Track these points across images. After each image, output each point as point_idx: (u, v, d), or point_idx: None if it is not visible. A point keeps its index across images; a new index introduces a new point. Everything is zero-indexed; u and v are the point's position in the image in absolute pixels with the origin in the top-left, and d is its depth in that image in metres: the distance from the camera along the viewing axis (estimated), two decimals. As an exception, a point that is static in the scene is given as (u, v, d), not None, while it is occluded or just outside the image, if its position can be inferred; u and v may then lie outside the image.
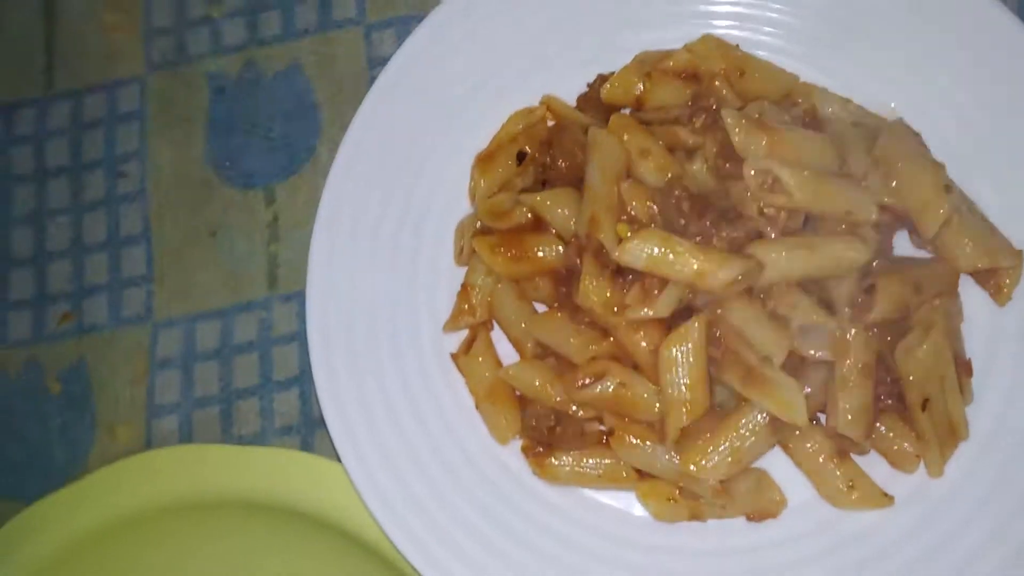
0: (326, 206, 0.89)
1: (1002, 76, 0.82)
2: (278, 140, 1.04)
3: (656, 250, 0.75)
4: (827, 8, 0.87)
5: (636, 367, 0.79)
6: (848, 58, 0.87)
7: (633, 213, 0.80)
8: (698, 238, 0.77)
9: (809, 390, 0.75)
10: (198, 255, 1.02)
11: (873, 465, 0.79)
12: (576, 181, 0.84)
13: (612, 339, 0.80)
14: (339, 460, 0.84)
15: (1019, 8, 0.90)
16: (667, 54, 0.87)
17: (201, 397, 0.97)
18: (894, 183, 0.77)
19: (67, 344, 1.01)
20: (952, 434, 0.76)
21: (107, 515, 0.87)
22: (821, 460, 0.77)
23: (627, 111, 0.88)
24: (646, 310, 0.76)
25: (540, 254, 0.83)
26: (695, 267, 0.75)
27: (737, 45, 0.87)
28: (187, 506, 0.87)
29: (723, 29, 0.89)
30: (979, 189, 0.81)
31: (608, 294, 0.78)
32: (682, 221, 0.78)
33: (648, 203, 0.80)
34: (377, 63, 1.04)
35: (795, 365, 0.76)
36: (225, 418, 0.96)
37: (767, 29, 0.89)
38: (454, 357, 0.86)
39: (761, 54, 0.88)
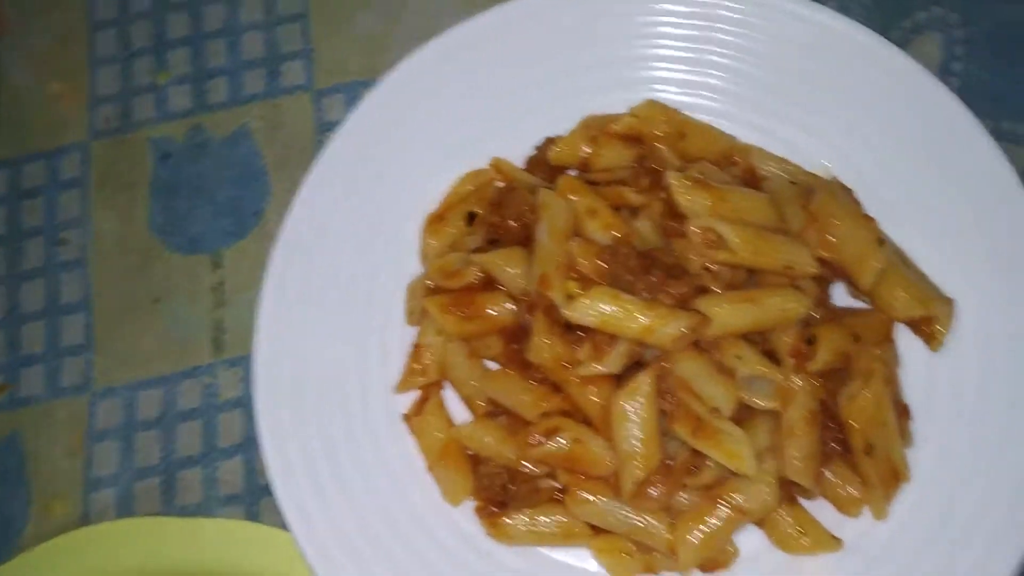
0: (274, 268, 0.89)
1: (929, 134, 0.87)
2: (225, 205, 1.04)
3: (605, 307, 0.77)
4: (763, 75, 0.91)
5: (588, 423, 0.79)
6: (784, 121, 0.90)
7: (582, 271, 0.81)
8: (645, 294, 0.78)
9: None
10: (140, 322, 1.00)
11: (820, 511, 0.80)
12: (525, 241, 0.85)
13: (563, 395, 0.80)
14: (287, 528, 0.82)
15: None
16: (612, 118, 0.90)
17: (141, 467, 0.94)
18: (830, 238, 0.80)
19: (2, 417, 0.97)
20: (895, 477, 0.78)
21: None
22: (772, 507, 0.78)
23: (574, 173, 0.90)
24: (597, 366, 0.77)
25: (491, 312, 0.84)
26: (643, 323, 0.76)
27: (678, 109, 0.91)
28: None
29: (665, 94, 0.92)
30: (910, 241, 0.85)
31: (559, 350, 0.79)
32: (629, 278, 0.79)
33: (596, 261, 0.81)
34: (326, 128, 1.05)
35: (743, 416, 0.78)
36: (166, 489, 0.93)
37: (707, 94, 0.92)
38: (406, 418, 0.86)
39: (701, 117, 0.91)
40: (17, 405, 0.97)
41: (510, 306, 0.83)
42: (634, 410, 0.76)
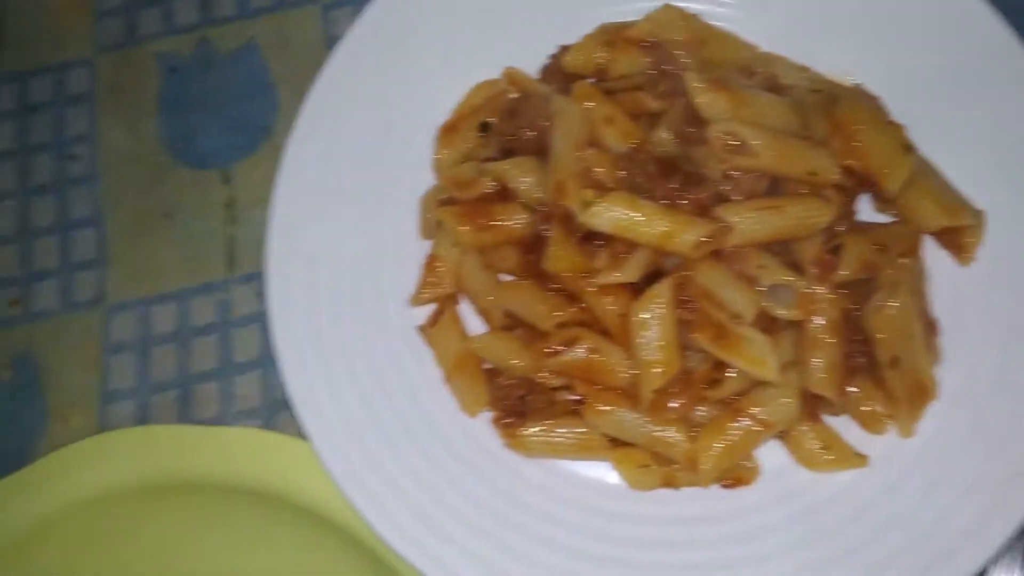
0: (283, 182, 0.87)
1: (961, 45, 0.83)
2: (234, 120, 1.02)
3: (622, 213, 0.75)
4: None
5: (605, 333, 0.78)
6: (807, 30, 0.87)
7: (599, 179, 0.79)
8: (664, 202, 0.76)
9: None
10: (153, 237, 0.99)
11: (844, 429, 0.79)
12: (540, 151, 0.83)
13: (580, 306, 0.79)
14: (303, 438, 0.82)
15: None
16: (628, 24, 0.87)
17: (158, 381, 0.94)
18: (855, 145, 0.77)
19: (15, 331, 0.97)
20: (922, 393, 0.76)
21: (59, 500, 0.84)
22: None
23: (590, 81, 0.87)
24: (615, 274, 0.76)
25: (506, 223, 0.82)
26: (662, 229, 0.74)
27: (698, 15, 0.87)
28: (144, 489, 0.83)
29: (684, 2, 0.88)
30: (937, 153, 0.82)
31: (576, 260, 0.78)
32: (648, 185, 0.77)
33: (614, 168, 0.79)
34: (335, 41, 1.01)
35: (766, 330, 0.76)
36: (183, 402, 0.93)
37: (726, 2, 0.89)
38: (421, 330, 0.85)
39: (722, 26, 0.88)
40: (31, 319, 0.97)
41: (525, 216, 0.82)
42: (653, 318, 0.74)
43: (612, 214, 0.74)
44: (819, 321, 0.74)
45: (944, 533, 0.73)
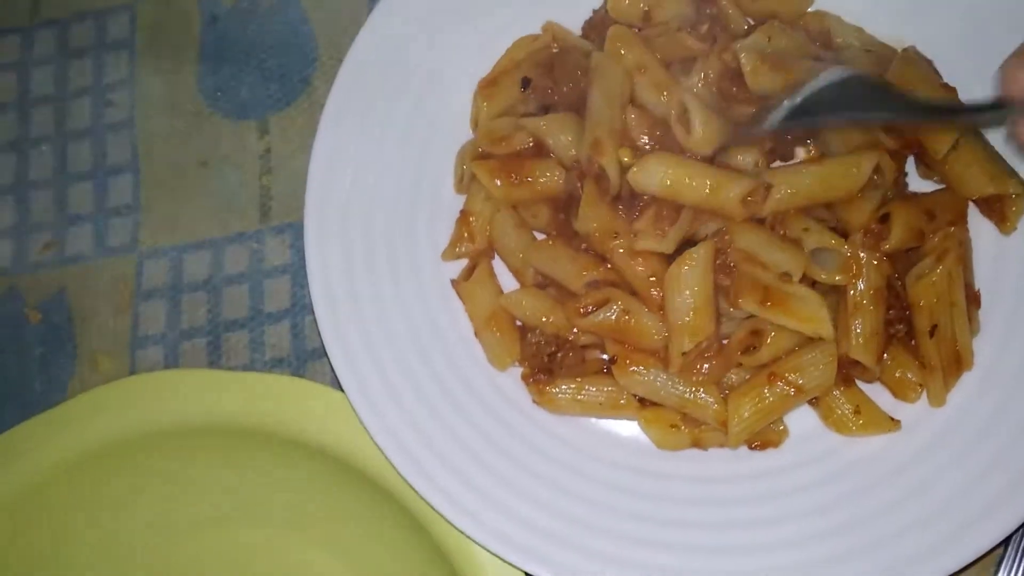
0: (323, 133, 0.87)
1: (1012, 7, 0.81)
2: (272, 72, 1.01)
3: (669, 172, 0.74)
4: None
5: (635, 293, 0.77)
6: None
7: (636, 139, 0.78)
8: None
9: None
10: (187, 186, 0.99)
11: (874, 396, 0.77)
12: (579, 107, 0.82)
13: (609, 265, 0.78)
14: (333, 387, 0.82)
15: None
16: (676, -30, 0.85)
17: (188, 328, 0.94)
18: (907, 107, 0.76)
19: (49, 274, 0.98)
20: (957, 363, 0.75)
21: (88, 441, 0.84)
22: (827, 387, 0.76)
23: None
24: (651, 243, 0.74)
25: (540, 179, 0.81)
26: (706, 187, 0.73)
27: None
28: (174, 433, 0.83)
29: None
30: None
31: (607, 220, 0.77)
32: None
33: (653, 128, 0.78)
34: (376, -4, 1.02)
35: (805, 293, 0.75)
36: (213, 350, 0.93)
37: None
38: (454, 284, 0.84)
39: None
40: (64, 263, 0.98)
41: (559, 173, 0.81)
42: (688, 279, 0.73)
43: (656, 174, 0.73)
44: (861, 287, 0.73)
45: (965, 505, 0.72)
